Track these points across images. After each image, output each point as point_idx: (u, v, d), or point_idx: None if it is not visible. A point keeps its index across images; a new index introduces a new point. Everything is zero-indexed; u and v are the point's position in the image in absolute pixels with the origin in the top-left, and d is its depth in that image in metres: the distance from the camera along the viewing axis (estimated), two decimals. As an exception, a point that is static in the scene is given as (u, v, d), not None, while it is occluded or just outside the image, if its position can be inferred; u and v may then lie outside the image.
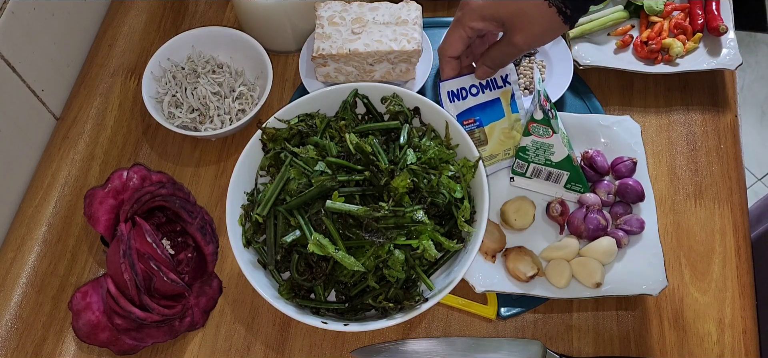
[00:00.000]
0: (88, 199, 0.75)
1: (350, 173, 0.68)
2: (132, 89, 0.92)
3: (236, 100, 0.85)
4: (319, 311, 0.68)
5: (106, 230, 0.73)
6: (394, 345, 0.72)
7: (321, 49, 0.81)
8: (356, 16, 0.83)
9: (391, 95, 0.75)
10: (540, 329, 0.73)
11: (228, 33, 0.89)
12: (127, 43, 0.96)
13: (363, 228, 0.65)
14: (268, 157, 0.73)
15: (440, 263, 0.70)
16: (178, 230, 0.76)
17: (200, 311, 0.73)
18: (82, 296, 0.71)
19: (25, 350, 0.74)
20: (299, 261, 0.68)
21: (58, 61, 0.90)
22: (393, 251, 0.65)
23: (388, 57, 0.82)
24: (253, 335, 0.74)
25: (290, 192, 0.69)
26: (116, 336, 0.70)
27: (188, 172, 0.85)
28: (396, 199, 0.66)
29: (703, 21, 0.89)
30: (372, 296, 0.67)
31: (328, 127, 0.75)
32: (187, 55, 0.89)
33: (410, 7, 0.84)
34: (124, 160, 0.86)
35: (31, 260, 0.79)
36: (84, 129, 0.88)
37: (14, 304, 0.77)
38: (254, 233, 0.71)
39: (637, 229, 0.74)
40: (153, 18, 0.98)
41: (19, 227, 0.82)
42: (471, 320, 0.74)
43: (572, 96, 0.87)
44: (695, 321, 0.73)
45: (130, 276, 0.68)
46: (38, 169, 0.86)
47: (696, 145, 0.84)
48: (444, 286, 0.65)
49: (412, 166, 0.68)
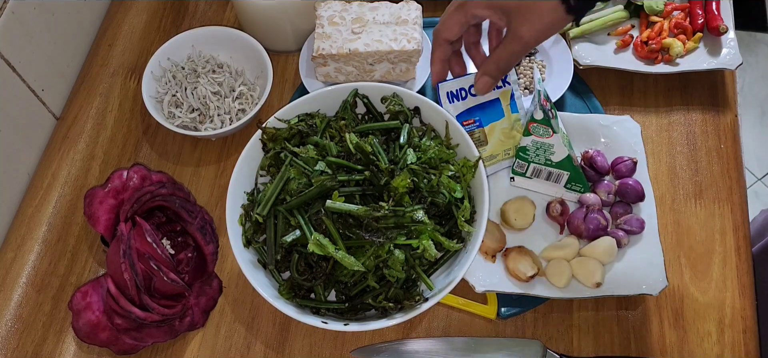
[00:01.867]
0: (88, 198, 0.75)
1: (350, 173, 0.68)
2: (132, 89, 0.92)
3: (236, 99, 0.85)
4: (319, 311, 0.68)
5: (106, 230, 0.74)
6: (394, 345, 0.72)
7: (321, 48, 0.81)
8: (356, 15, 0.83)
9: (391, 95, 0.75)
10: (540, 329, 0.73)
11: (228, 33, 0.89)
12: (127, 42, 0.96)
13: (363, 228, 0.65)
14: (268, 157, 0.73)
15: (440, 263, 0.70)
16: (178, 229, 0.76)
17: (200, 310, 0.73)
18: (82, 296, 0.71)
19: (25, 350, 0.74)
20: (299, 261, 0.68)
21: (58, 60, 0.90)
22: (393, 250, 0.65)
23: (389, 57, 0.82)
24: (253, 334, 0.74)
25: (290, 192, 0.69)
26: (116, 336, 0.70)
27: (188, 172, 0.85)
28: (396, 199, 0.66)
29: (703, 21, 0.89)
30: (372, 296, 0.67)
31: (328, 126, 0.74)
32: (187, 54, 0.89)
33: (410, 6, 0.84)
34: (124, 159, 0.86)
35: (31, 259, 0.79)
36: (84, 129, 0.88)
37: (14, 304, 0.77)
38: (254, 233, 0.71)
39: (637, 229, 0.74)
40: (153, 18, 0.98)
41: (19, 226, 0.82)
42: (471, 320, 0.74)
43: (572, 96, 0.87)
44: (695, 321, 0.73)
45: (130, 276, 0.68)
46: (38, 169, 0.86)
47: (696, 145, 0.84)
48: (444, 286, 0.65)
49: (412, 166, 0.68)
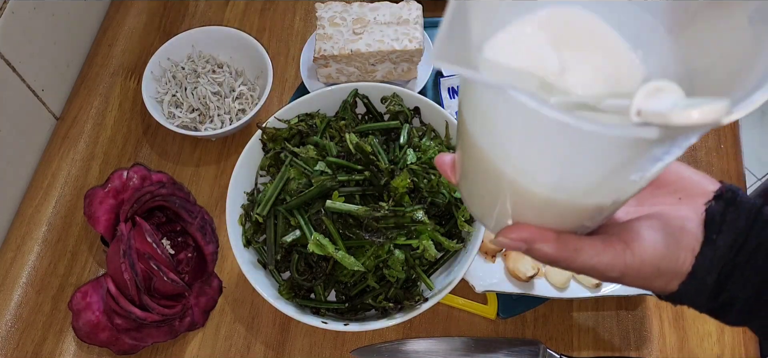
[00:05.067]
0: (88, 199, 0.75)
1: (350, 173, 0.68)
2: (132, 89, 0.92)
3: (236, 100, 0.85)
4: (319, 311, 0.68)
5: (106, 230, 0.73)
6: (394, 345, 0.72)
7: (322, 50, 0.81)
8: (357, 16, 0.83)
9: (391, 95, 0.75)
10: (540, 329, 0.73)
11: (228, 33, 0.88)
12: (127, 42, 0.96)
13: (363, 228, 0.65)
14: (268, 157, 0.73)
15: (440, 263, 0.70)
16: (178, 229, 0.76)
17: (200, 310, 0.73)
18: (82, 296, 0.71)
19: (25, 350, 0.74)
20: (299, 261, 0.68)
21: (58, 60, 0.90)
22: (393, 250, 0.65)
23: (390, 57, 0.82)
24: (253, 334, 0.74)
25: (290, 192, 0.69)
26: (116, 336, 0.70)
27: (188, 172, 0.85)
28: (396, 199, 0.66)
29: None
30: (372, 296, 0.67)
31: (328, 127, 0.74)
32: (187, 54, 0.89)
33: (411, 6, 0.84)
34: (124, 159, 0.86)
35: (31, 259, 0.79)
36: (84, 129, 0.88)
37: (14, 304, 0.77)
38: (254, 233, 0.71)
39: (637, 229, 0.74)
40: (153, 18, 0.98)
41: (19, 226, 0.82)
42: (471, 320, 0.74)
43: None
44: (695, 321, 0.73)
45: (130, 276, 0.68)
46: (38, 169, 0.86)
47: (696, 144, 0.84)
48: (444, 286, 0.65)
49: (412, 166, 0.68)
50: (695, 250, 0.39)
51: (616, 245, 0.40)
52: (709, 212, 0.40)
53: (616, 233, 0.41)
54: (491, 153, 0.35)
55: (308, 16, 0.97)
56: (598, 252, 0.39)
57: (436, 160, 0.45)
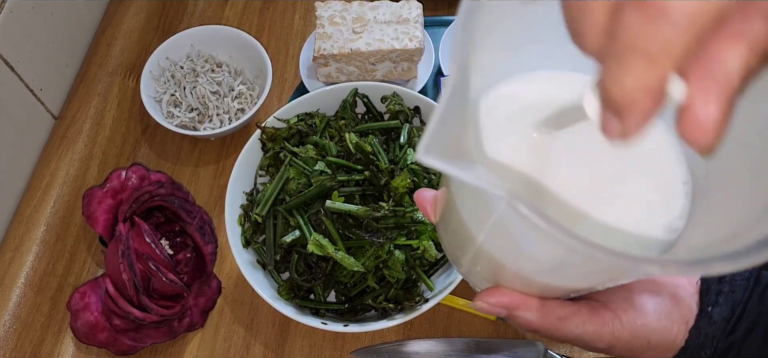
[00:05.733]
0: (87, 198, 0.75)
1: (350, 173, 0.68)
2: (131, 88, 0.91)
3: (235, 99, 0.85)
4: (319, 312, 0.68)
5: (104, 230, 0.73)
6: (394, 346, 0.72)
7: (322, 49, 0.81)
8: (357, 15, 0.83)
9: (391, 94, 0.75)
10: (541, 330, 0.73)
11: (227, 32, 0.88)
12: (126, 42, 0.96)
13: (363, 228, 0.65)
14: (268, 157, 0.73)
15: (440, 264, 0.69)
16: (177, 230, 0.76)
17: (199, 311, 0.73)
18: (81, 297, 0.70)
19: (24, 351, 0.74)
20: (299, 261, 0.68)
21: (57, 60, 0.90)
22: (393, 251, 0.65)
23: (390, 56, 0.82)
24: (253, 335, 0.74)
25: (290, 192, 0.68)
26: (115, 337, 0.69)
27: (187, 172, 0.85)
28: (396, 199, 0.66)
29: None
30: (372, 297, 0.67)
31: (327, 126, 0.74)
32: (186, 54, 0.88)
33: (411, 5, 0.83)
34: (123, 159, 0.86)
35: (29, 260, 0.79)
36: (82, 128, 0.88)
37: (12, 304, 0.76)
38: (253, 233, 0.70)
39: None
40: (152, 17, 0.98)
41: (18, 226, 0.81)
42: (471, 320, 0.74)
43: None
44: (697, 322, 0.73)
45: (128, 276, 0.67)
46: (37, 169, 0.86)
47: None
48: (444, 286, 0.65)
49: (413, 165, 0.68)
50: (689, 322, 0.37)
51: (603, 314, 0.37)
52: (705, 280, 0.37)
53: (604, 300, 0.38)
54: (474, 229, 0.32)
55: (308, 15, 0.97)
56: (584, 321, 0.36)
57: (415, 196, 0.40)
